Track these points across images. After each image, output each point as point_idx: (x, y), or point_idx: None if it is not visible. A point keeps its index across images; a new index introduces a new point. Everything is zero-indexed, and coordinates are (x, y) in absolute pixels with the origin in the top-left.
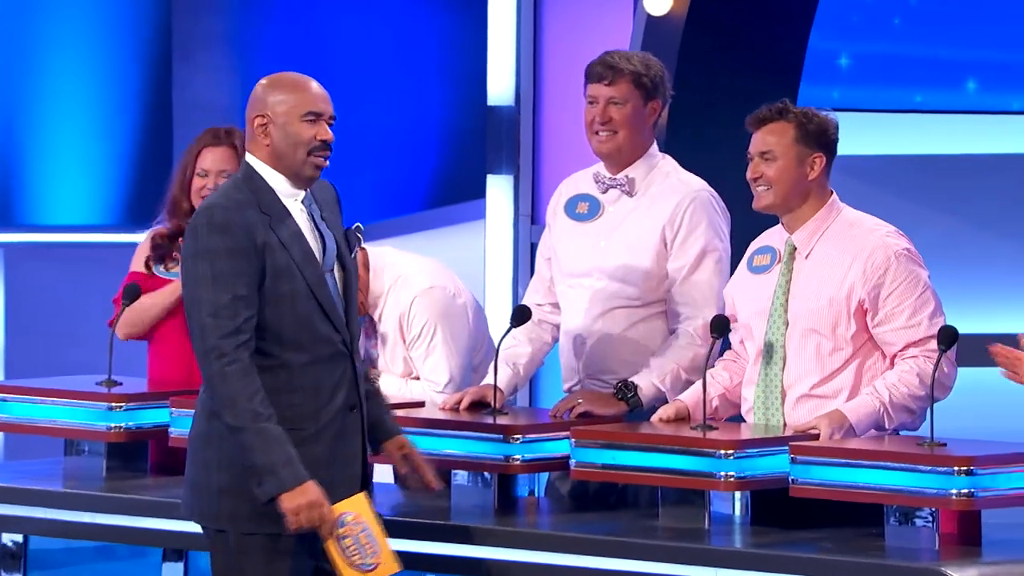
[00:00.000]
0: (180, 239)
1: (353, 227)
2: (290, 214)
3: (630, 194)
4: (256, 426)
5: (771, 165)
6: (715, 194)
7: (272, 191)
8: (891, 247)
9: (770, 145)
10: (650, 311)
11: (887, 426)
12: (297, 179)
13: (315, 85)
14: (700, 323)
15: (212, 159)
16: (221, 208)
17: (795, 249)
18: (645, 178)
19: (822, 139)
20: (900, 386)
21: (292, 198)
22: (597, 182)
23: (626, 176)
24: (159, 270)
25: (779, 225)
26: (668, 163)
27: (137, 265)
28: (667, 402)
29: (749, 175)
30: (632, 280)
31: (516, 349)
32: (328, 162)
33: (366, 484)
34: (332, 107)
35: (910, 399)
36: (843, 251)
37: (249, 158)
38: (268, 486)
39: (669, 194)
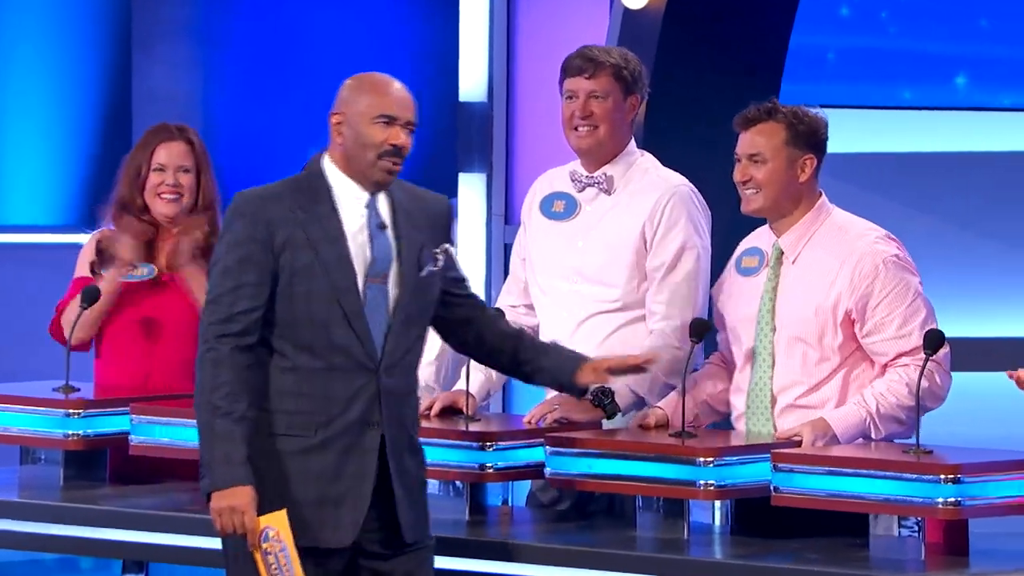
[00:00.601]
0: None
1: (440, 248)
2: (338, 216)
3: (608, 192)
4: (209, 419)
5: (760, 168)
6: (695, 190)
7: (328, 190)
8: (879, 254)
9: (759, 147)
10: (630, 316)
11: (874, 436)
12: (366, 182)
13: (396, 88)
14: (678, 323)
15: (168, 154)
16: (252, 196)
17: (782, 253)
18: (624, 175)
19: (813, 139)
20: (888, 396)
21: (356, 200)
22: (574, 180)
23: (604, 174)
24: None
25: (767, 225)
26: (647, 160)
27: (82, 270)
28: (645, 407)
29: (737, 178)
30: (611, 281)
31: None
32: (400, 167)
33: (389, 502)
34: (413, 114)
35: (899, 409)
36: (831, 257)
37: (324, 156)
38: (204, 481)
39: (649, 190)
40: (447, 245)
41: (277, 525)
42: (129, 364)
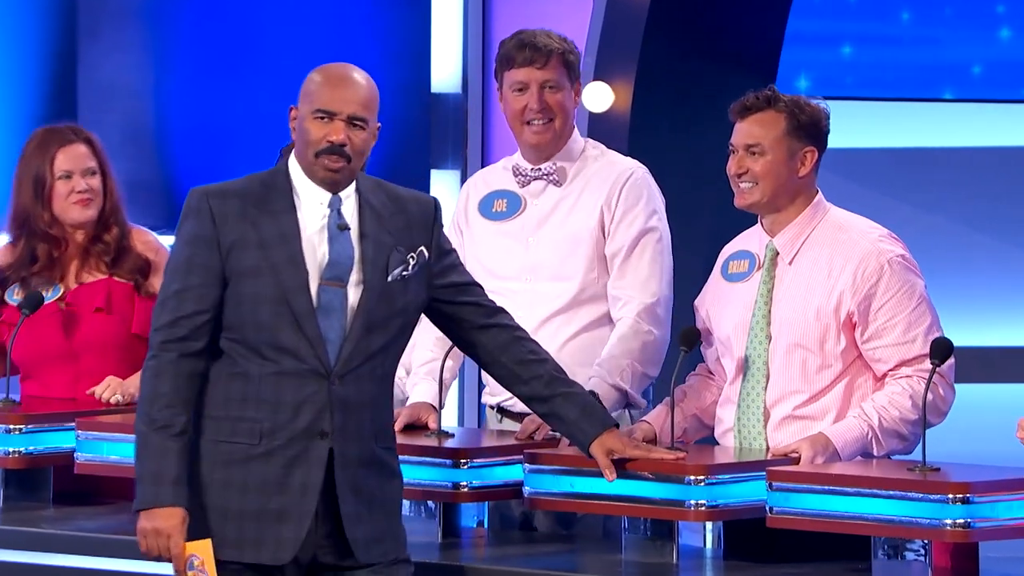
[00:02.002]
0: (35, 264)
1: (416, 251)
2: (295, 215)
3: (559, 184)
4: (145, 431)
5: (758, 160)
6: (648, 172)
7: (289, 188)
8: (884, 253)
9: (758, 137)
10: (592, 316)
11: (875, 452)
12: (315, 180)
13: (341, 80)
14: (641, 305)
15: (71, 158)
16: (203, 192)
17: (777, 254)
18: (574, 164)
19: (814, 131)
20: (891, 409)
21: (316, 200)
22: (517, 175)
23: (554, 164)
24: (11, 297)
25: (756, 227)
26: (593, 146)
27: None
28: (628, 400)
29: (732, 170)
30: (569, 274)
31: (436, 364)
32: (342, 165)
33: (336, 521)
34: (360, 107)
35: (901, 423)
36: (831, 257)
37: (292, 155)
38: (136, 499)
39: (601, 176)
40: (423, 248)
41: (202, 553)
42: (55, 391)
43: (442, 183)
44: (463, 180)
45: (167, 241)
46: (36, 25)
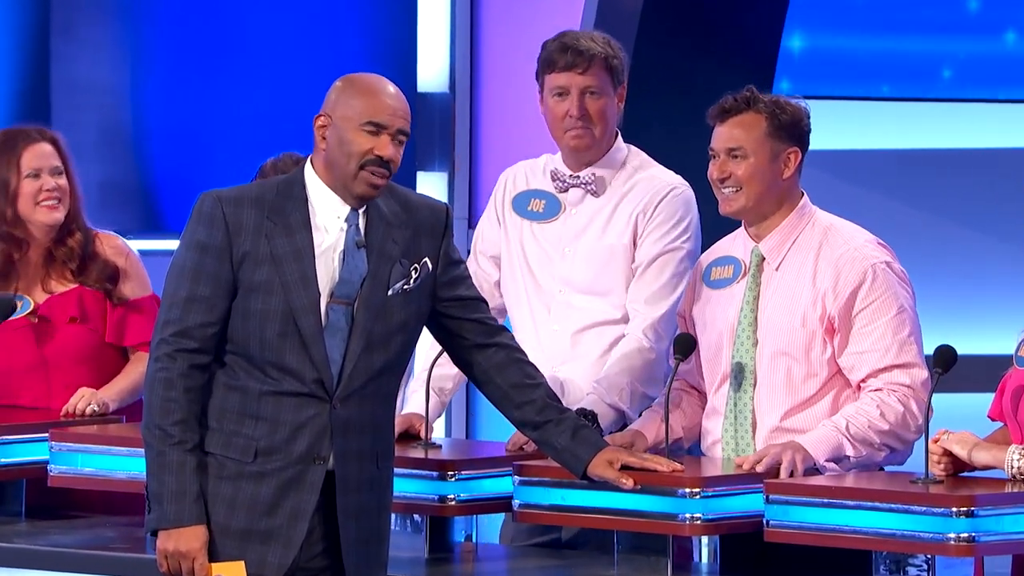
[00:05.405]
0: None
1: (420, 262)
2: (310, 230)
3: (596, 194)
4: (159, 447)
5: (741, 163)
6: (691, 190)
7: (305, 201)
8: (868, 259)
9: (739, 140)
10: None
11: (850, 455)
12: (346, 194)
13: (390, 93)
14: (649, 322)
15: (38, 157)
16: (218, 198)
17: (763, 259)
18: (615, 175)
19: (795, 131)
20: (859, 416)
21: (334, 214)
22: (555, 179)
23: (593, 174)
24: None
25: (739, 231)
26: (636, 156)
27: None
28: (625, 420)
29: (715, 175)
30: (602, 289)
31: (440, 371)
32: (385, 181)
33: (337, 540)
34: (406, 123)
35: (870, 431)
36: (817, 262)
37: (307, 163)
38: (151, 516)
39: (642, 189)
40: (427, 259)
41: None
42: (26, 403)
43: (428, 186)
44: (450, 183)
45: (141, 245)
46: (6, 21)
